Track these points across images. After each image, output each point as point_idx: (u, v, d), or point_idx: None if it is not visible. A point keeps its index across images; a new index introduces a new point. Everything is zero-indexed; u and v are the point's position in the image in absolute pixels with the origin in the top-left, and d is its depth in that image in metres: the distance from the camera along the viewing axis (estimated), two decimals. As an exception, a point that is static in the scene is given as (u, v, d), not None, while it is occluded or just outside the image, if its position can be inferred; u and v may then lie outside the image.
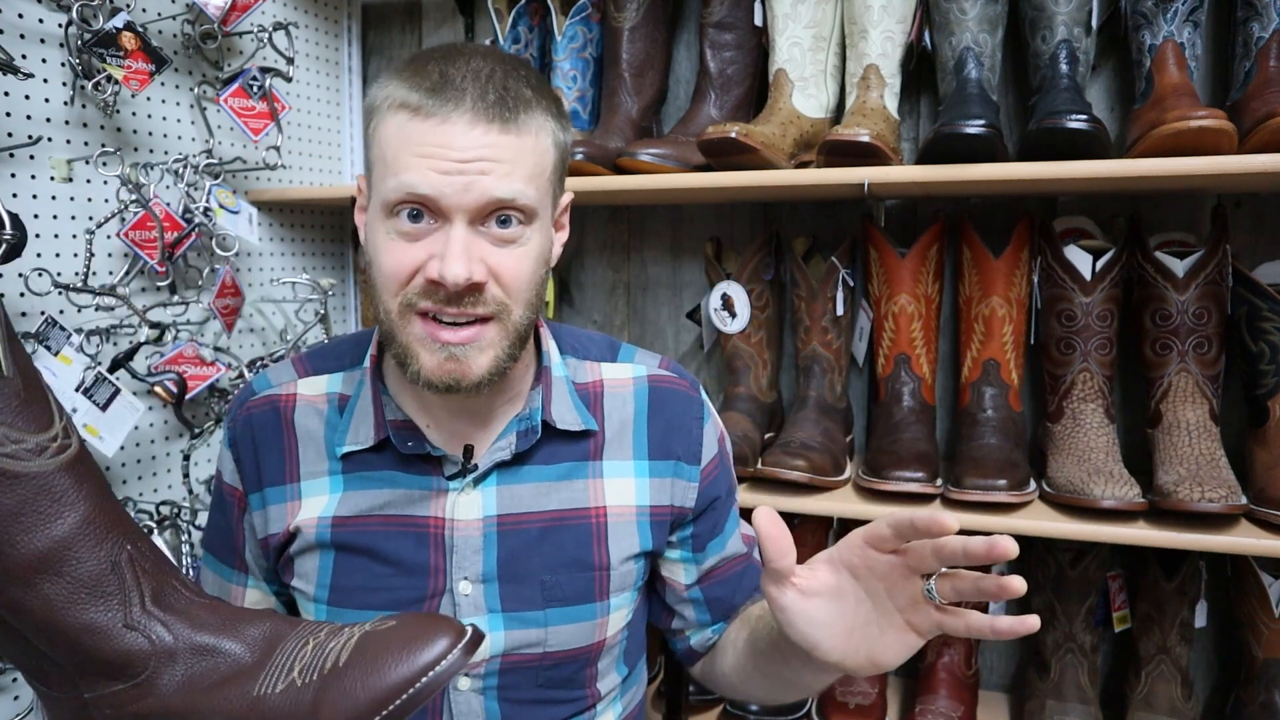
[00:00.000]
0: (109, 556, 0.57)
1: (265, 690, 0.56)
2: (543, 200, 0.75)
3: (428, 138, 0.70)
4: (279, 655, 0.58)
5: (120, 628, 0.56)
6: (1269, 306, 1.14)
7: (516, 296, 0.74)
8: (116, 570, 0.57)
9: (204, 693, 0.57)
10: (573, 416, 0.84)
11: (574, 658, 0.83)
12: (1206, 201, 1.29)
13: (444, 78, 0.70)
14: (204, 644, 0.58)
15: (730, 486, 0.94)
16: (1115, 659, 1.40)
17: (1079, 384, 1.22)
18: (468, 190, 0.69)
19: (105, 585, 0.56)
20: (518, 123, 0.71)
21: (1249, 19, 1.10)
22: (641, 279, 1.60)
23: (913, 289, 1.29)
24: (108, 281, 1.21)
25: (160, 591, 0.59)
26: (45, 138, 1.13)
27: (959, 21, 1.17)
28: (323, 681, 0.56)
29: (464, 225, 0.71)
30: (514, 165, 0.71)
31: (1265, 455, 1.13)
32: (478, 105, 0.70)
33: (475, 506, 0.81)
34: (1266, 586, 1.18)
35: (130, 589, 0.57)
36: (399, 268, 0.72)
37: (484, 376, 0.74)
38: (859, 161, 1.14)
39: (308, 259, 1.61)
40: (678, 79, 1.52)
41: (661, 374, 0.90)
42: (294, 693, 0.56)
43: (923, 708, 1.29)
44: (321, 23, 1.60)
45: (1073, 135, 1.05)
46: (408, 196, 0.70)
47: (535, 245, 0.75)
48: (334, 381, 0.86)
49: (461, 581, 0.80)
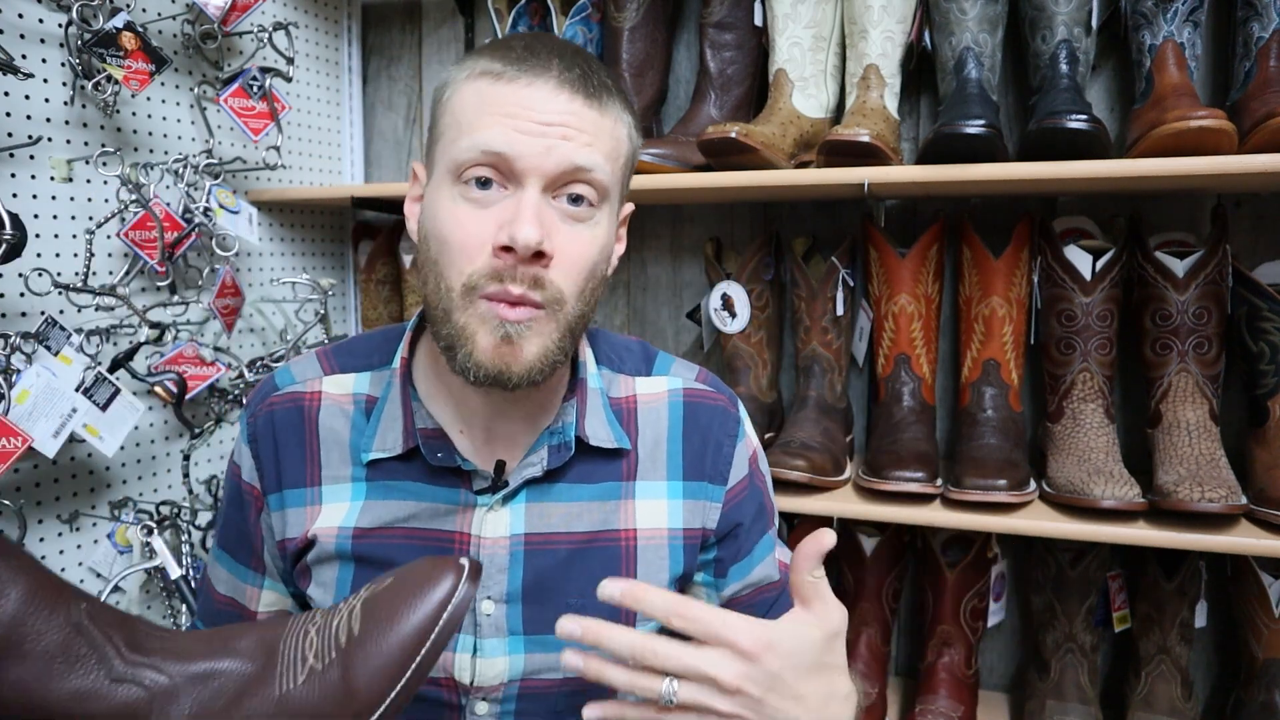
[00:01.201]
0: (68, 620, 0.53)
1: (287, 687, 0.54)
2: (614, 185, 0.73)
3: (511, 99, 0.68)
4: (284, 651, 0.56)
5: (108, 685, 0.53)
6: (1269, 306, 1.14)
7: (574, 285, 0.70)
8: (82, 631, 0.53)
9: (221, 714, 0.54)
10: (606, 433, 0.80)
11: (594, 685, 0.82)
12: (1206, 201, 1.29)
13: (529, 49, 0.69)
14: (200, 671, 0.55)
15: (761, 509, 0.87)
16: (1115, 659, 1.40)
17: (1079, 384, 1.22)
18: (549, 153, 0.67)
19: (76, 649, 0.52)
20: (600, 101, 0.70)
21: (1249, 19, 1.10)
22: (641, 279, 1.60)
23: (913, 289, 1.29)
24: (108, 281, 1.21)
25: (133, 639, 0.55)
26: (45, 138, 1.13)
27: (959, 21, 1.17)
28: (343, 656, 0.53)
29: (537, 191, 0.68)
30: (595, 138, 0.69)
31: (1265, 455, 1.13)
32: (564, 75, 0.68)
33: (503, 524, 0.77)
34: (1266, 586, 1.18)
35: (103, 645, 0.53)
36: (468, 238, 0.68)
37: (531, 366, 0.69)
38: (859, 161, 1.14)
39: (308, 259, 1.61)
40: (678, 79, 1.52)
41: (698, 388, 0.86)
42: (317, 677, 0.54)
43: (923, 708, 1.29)
44: (321, 23, 1.60)
45: (1073, 135, 1.05)
46: (483, 156, 0.67)
47: (603, 231, 0.72)
48: (361, 381, 0.82)
49: (485, 601, 0.77)
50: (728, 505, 0.84)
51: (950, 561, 1.33)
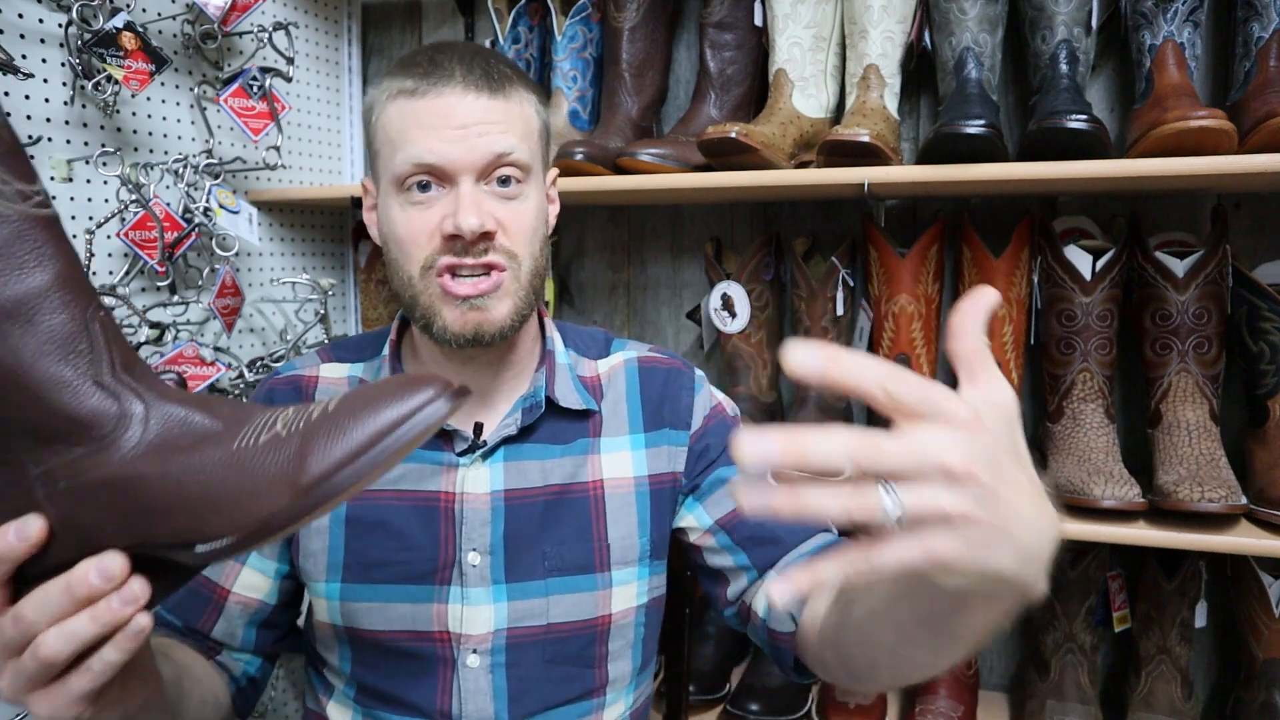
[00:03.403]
0: (83, 316, 0.54)
1: (246, 444, 0.53)
2: (535, 159, 0.83)
3: (427, 111, 0.78)
4: (256, 419, 0.55)
5: (89, 385, 0.53)
6: (1269, 306, 1.14)
7: (523, 246, 0.81)
8: (89, 331, 0.54)
9: (176, 453, 0.53)
10: (575, 397, 0.88)
11: (578, 632, 0.85)
12: (1206, 201, 1.29)
13: (433, 63, 0.79)
14: (174, 413, 0.55)
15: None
16: (1115, 659, 1.40)
17: (1079, 384, 1.22)
18: (471, 150, 0.77)
19: (77, 343, 0.53)
20: (504, 92, 0.80)
21: (1249, 19, 1.10)
22: (641, 279, 1.60)
23: (913, 289, 1.29)
24: (108, 281, 1.21)
25: (130, 362, 0.56)
26: (45, 138, 1.13)
27: (959, 21, 1.17)
28: (307, 429, 0.52)
29: (470, 183, 0.78)
30: (507, 125, 0.79)
31: (1265, 455, 1.13)
32: (467, 79, 0.78)
33: (484, 481, 0.84)
34: (1266, 586, 1.18)
35: (100, 351, 0.54)
36: (417, 232, 0.79)
37: (505, 323, 0.80)
38: (859, 161, 1.14)
39: (308, 259, 1.61)
40: (678, 79, 1.52)
41: (651, 355, 0.95)
42: (279, 444, 0.52)
43: (923, 708, 1.30)
44: (321, 23, 1.60)
45: (1073, 135, 1.05)
46: (417, 167, 0.78)
47: (534, 201, 0.83)
48: (355, 369, 0.92)
49: (470, 553, 0.83)
50: (694, 442, 0.91)
51: (950, 561, 1.33)
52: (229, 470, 0.52)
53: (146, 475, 0.52)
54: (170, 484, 0.52)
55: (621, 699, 0.90)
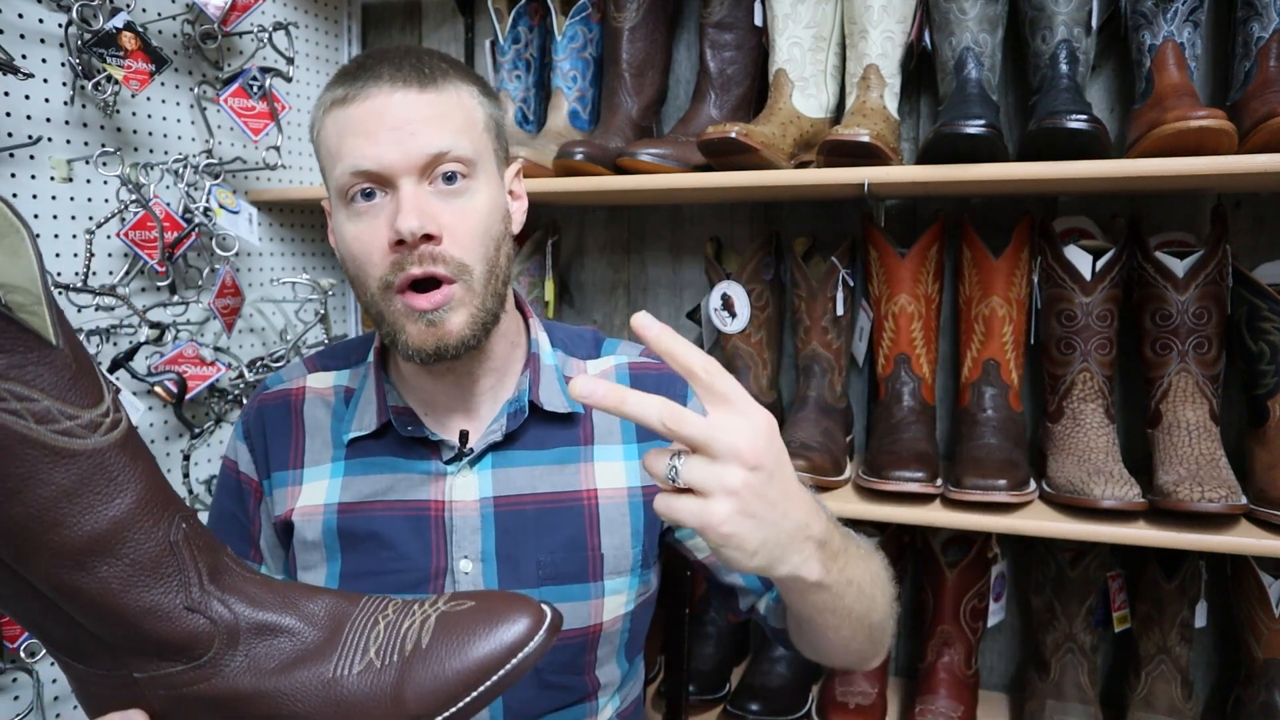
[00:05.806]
0: (166, 536, 0.54)
1: (341, 671, 0.54)
2: (480, 153, 0.79)
3: (358, 117, 0.75)
4: (349, 633, 0.56)
5: (181, 610, 0.54)
6: (1269, 306, 1.14)
7: (472, 252, 0.77)
8: (175, 551, 0.54)
9: (272, 674, 0.54)
10: (560, 401, 0.87)
11: (570, 641, 0.84)
12: (1206, 201, 1.29)
13: (361, 66, 0.77)
14: (266, 622, 0.56)
15: None
16: (1115, 659, 1.40)
17: (1079, 384, 1.22)
18: (405, 152, 0.74)
19: (164, 567, 0.53)
20: (436, 84, 0.77)
21: (1249, 19, 1.10)
22: (641, 279, 1.60)
23: (913, 289, 1.29)
24: (108, 281, 1.21)
25: (215, 569, 0.56)
26: (45, 138, 1.13)
27: (959, 21, 1.17)
28: (404, 662, 0.54)
29: (411, 185, 0.75)
30: (442, 120, 0.76)
31: (1265, 455, 1.13)
32: (395, 76, 0.75)
33: (472, 488, 0.84)
34: (1266, 586, 1.18)
35: (189, 569, 0.55)
36: (368, 246, 0.76)
37: (462, 336, 0.77)
38: (859, 161, 1.14)
39: (308, 259, 1.61)
40: (678, 79, 1.52)
41: (643, 360, 0.93)
42: (373, 674, 0.54)
43: (923, 708, 1.30)
44: (321, 23, 1.60)
45: (1073, 135, 1.05)
46: (354, 176, 0.75)
47: (483, 198, 0.79)
48: (341, 376, 0.92)
49: (462, 560, 0.83)
50: None
51: (950, 561, 1.33)
52: (325, 703, 0.54)
53: (244, 694, 0.54)
54: (265, 704, 0.54)
55: (610, 702, 0.90)
